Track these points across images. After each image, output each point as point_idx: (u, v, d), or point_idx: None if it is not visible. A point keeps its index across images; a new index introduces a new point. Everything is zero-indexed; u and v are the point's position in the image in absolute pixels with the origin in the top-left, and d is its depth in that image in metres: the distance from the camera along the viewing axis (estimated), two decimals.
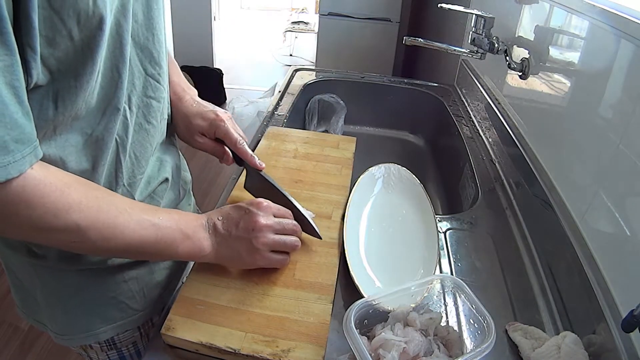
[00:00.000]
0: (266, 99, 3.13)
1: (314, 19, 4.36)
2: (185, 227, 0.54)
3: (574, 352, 0.51)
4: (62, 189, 0.43)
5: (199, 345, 0.51)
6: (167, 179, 0.65)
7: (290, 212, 0.63)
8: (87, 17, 0.41)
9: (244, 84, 3.81)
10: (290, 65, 1.41)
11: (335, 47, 2.77)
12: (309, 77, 1.36)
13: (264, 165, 0.70)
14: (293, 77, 1.37)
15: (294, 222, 0.62)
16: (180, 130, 0.70)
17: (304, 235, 0.68)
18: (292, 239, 0.60)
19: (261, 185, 0.69)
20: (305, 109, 1.34)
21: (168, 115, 0.66)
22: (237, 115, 2.96)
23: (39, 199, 0.41)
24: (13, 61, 0.37)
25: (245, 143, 0.69)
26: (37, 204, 0.41)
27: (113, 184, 0.55)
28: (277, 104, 1.19)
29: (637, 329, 0.43)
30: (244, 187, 0.74)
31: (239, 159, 0.70)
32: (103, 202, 0.47)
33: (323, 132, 1.30)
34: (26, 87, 0.40)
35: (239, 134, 0.69)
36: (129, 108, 0.54)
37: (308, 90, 1.32)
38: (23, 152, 0.39)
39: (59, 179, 0.43)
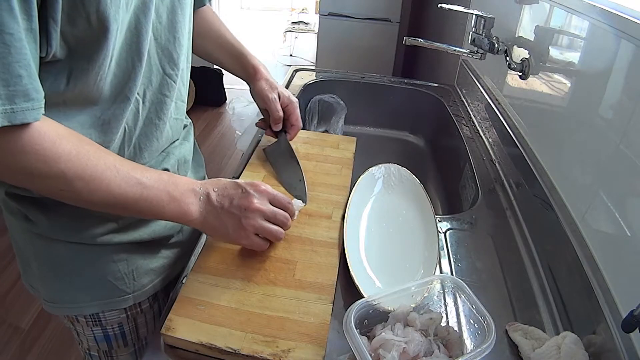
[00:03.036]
0: None
1: (314, 19, 4.36)
2: (174, 189, 0.55)
3: (574, 352, 0.51)
4: (55, 140, 0.45)
5: (199, 346, 0.51)
6: (166, 170, 0.66)
7: (286, 202, 0.63)
8: (105, 6, 0.44)
9: (244, 84, 3.80)
10: (290, 66, 1.41)
11: (335, 48, 2.77)
12: (309, 77, 1.36)
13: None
14: (293, 77, 1.37)
15: (286, 214, 0.63)
16: (262, 87, 0.83)
17: (305, 235, 0.68)
18: (278, 230, 0.61)
19: (282, 154, 0.84)
20: (306, 109, 1.34)
21: (185, 118, 0.73)
22: (238, 116, 2.97)
23: (31, 147, 0.44)
24: (32, 27, 0.40)
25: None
26: (30, 151, 0.44)
27: None
28: None
29: (637, 329, 0.43)
30: (264, 149, 0.87)
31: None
32: (92, 155, 0.49)
33: (323, 132, 1.30)
34: (45, 57, 0.44)
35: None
36: (142, 102, 0.58)
37: (308, 90, 1.32)
38: (40, 104, 0.42)
39: (53, 129, 0.46)
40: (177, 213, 0.56)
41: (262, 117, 0.91)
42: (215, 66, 3.54)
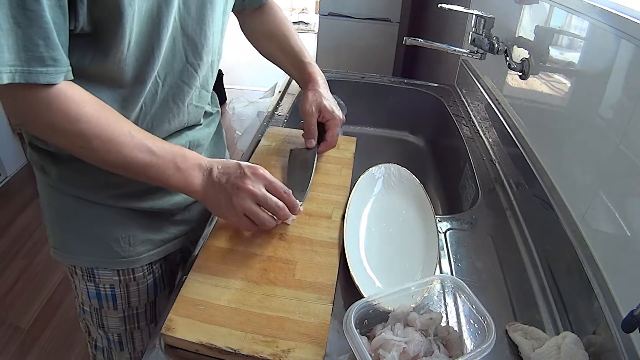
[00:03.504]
0: (266, 99, 3.13)
1: (314, 19, 4.37)
2: (181, 161, 0.60)
3: (574, 352, 0.51)
4: (79, 102, 0.52)
5: (199, 346, 0.51)
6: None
7: (285, 193, 0.64)
8: None
9: (244, 84, 3.81)
10: None
11: (335, 48, 2.77)
12: None
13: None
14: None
15: (280, 203, 0.63)
16: (307, 97, 0.82)
17: (305, 235, 0.68)
18: (266, 217, 0.63)
19: (302, 162, 0.82)
20: None
21: (211, 106, 0.78)
22: (237, 116, 2.97)
23: (57, 105, 0.50)
24: (60, 4, 0.47)
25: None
26: (55, 108, 0.50)
27: None
28: (277, 104, 1.19)
29: (637, 329, 0.43)
30: (291, 150, 0.86)
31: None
32: (111, 120, 0.55)
33: None
34: (74, 30, 0.50)
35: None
36: (162, 85, 0.63)
37: None
38: (56, 70, 0.48)
39: (79, 94, 0.52)
40: (182, 183, 0.61)
41: (262, 117, 0.91)
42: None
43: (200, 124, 0.76)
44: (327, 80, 0.88)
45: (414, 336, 0.51)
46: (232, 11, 0.76)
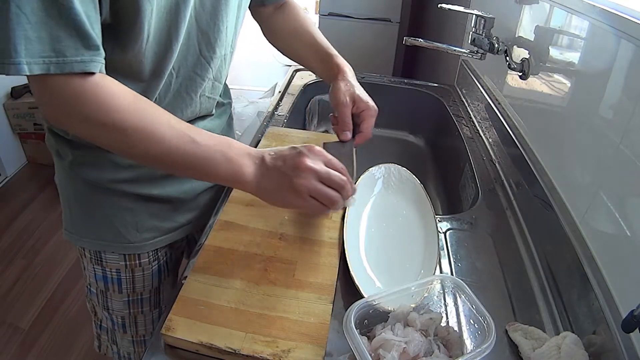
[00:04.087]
0: (266, 99, 3.13)
1: (314, 19, 4.36)
2: (228, 149, 0.56)
3: (574, 353, 0.51)
4: (114, 93, 0.51)
5: (199, 346, 0.51)
6: None
7: (341, 167, 0.60)
8: None
9: (244, 84, 3.81)
10: (290, 66, 1.40)
11: (335, 47, 2.77)
12: (309, 77, 1.36)
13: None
14: (293, 77, 1.37)
15: (343, 177, 0.58)
16: (339, 88, 0.77)
17: (305, 235, 0.68)
18: (333, 193, 0.57)
19: (342, 156, 0.73)
20: (306, 109, 1.34)
21: (219, 96, 0.78)
22: (237, 116, 2.96)
23: (92, 97, 0.49)
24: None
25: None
26: (89, 99, 0.49)
27: None
28: (277, 104, 1.19)
29: (637, 329, 0.43)
30: (324, 143, 0.76)
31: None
32: (148, 112, 0.53)
33: (323, 132, 1.30)
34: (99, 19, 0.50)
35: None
36: (176, 76, 0.64)
37: (308, 90, 1.32)
38: (92, 59, 0.48)
39: (111, 84, 0.51)
40: (231, 174, 0.56)
41: (262, 117, 0.91)
42: None
43: (212, 114, 0.78)
44: None
45: (414, 336, 0.51)
46: (250, 11, 0.77)
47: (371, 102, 0.78)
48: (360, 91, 0.78)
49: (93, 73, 0.49)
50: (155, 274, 0.79)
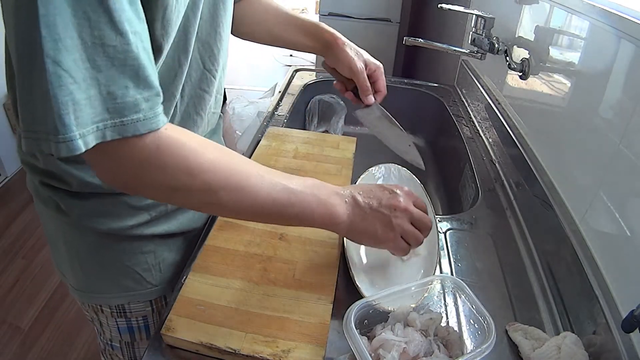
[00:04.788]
0: (266, 99, 3.13)
1: (314, 19, 4.36)
2: (319, 192, 0.53)
3: (574, 353, 0.51)
4: (196, 149, 0.44)
5: (199, 346, 0.51)
6: None
7: (425, 206, 0.60)
8: (170, 12, 0.44)
9: (244, 84, 3.81)
10: (290, 66, 1.41)
11: None
12: (309, 77, 1.36)
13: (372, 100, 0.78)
14: (293, 77, 1.37)
15: (429, 218, 0.59)
16: (347, 56, 0.76)
17: (305, 235, 0.68)
18: (420, 236, 0.57)
19: (380, 119, 0.79)
20: (306, 109, 1.33)
21: (218, 110, 0.71)
22: (238, 116, 2.97)
23: (171, 158, 0.42)
24: (144, 27, 0.40)
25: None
26: (169, 163, 0.42)
27: None
28: (277, 104, 1.19)
29: (637, 329, 0.43)
30: (355, 112, 0.79)
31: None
32: (234, 164, 0.47)
33: (323, 132, 1.30)
34: None
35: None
36: (181, 97, 0.58)
37: (308, 90, 1.32)
38: (154, 111, 0.40)
39: (191, 139, 0.45)
40: (326, 216, 0.53)
41: (262, 117, 0.91)
42: None
43: (213, 128, 0.73)
44: (327, 80, 0.87)
45: (414, 336, 0.51)
46: None
47: (378, 62, 0.78)
48: (365, 53, 0.78)
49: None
50: None
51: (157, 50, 0.46)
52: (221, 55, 0.61)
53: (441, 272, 0.67)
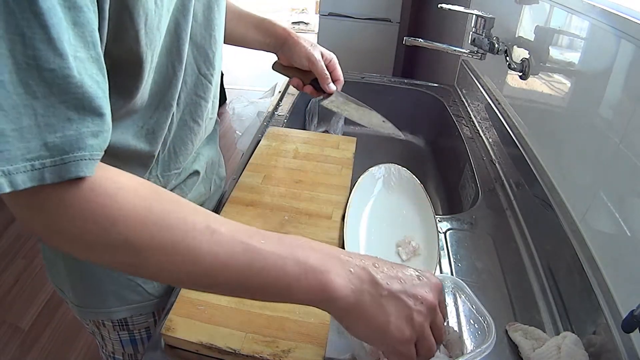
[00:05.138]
0: (266, 99, 3.13)
1: (314, 20, 4.36)
2: (306, 254, 0.39)
3: (574, 353, 0.51)
4: (116, 196, 0.34)
5: (199, 346, 0.51)
6: (197, 172, 0.65)
7: (445, 311, 0.46)
8: (152, 19, 0.39)
9: (244, 84, 3.81)
10: None
11: (335, 48, 2.74)
12: None
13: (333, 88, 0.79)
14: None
15: (444, 329, 0.45)
16: (302, 48, 0.77)
17: (305, 235, 0.68)
18: (435, 347, 0.43)
19: (346, 102, 0.81)
20: (306, 109, 1.34)
21: (215, 115, 0.68)
22: (238, 116, 2.96)
23: (86, 205, 0.33)
24: (93, 55, 0.33)
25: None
26: (85, 209, 0.33)
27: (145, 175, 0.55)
28: (277, 104, 1.19)
29: (637, 329, 0.43)
30: (320, 102, 0.80)
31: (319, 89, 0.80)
32: (172, 215, 0.36)
33: (323, 132, 1.30)
34: None
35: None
36: (177, 105, 0.54)
37: None
38: (103, 149, 0.34)
39: (118, 182, 0.35)
40: (315, 287, 0.38)
41: (262, 117, 0.90)
42: None
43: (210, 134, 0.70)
44: None
45: None
46: None
47: (331, 53, 0.81)
48: (318, 45, 0.81)
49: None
50: None
51: (143, 60, 0.42)
52: (216, 59, 0.58)
53: (441, 272, 0.67)
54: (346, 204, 0.75)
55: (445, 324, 0.47)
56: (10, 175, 0.29)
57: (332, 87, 0.79)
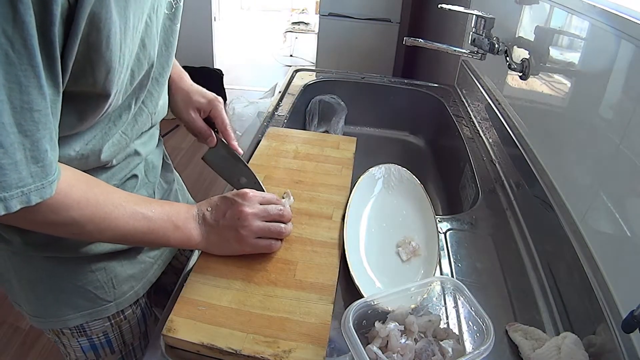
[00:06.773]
0: (266, 99, 3.13)
1: (314, 20, 4.36)
2: (177, 218, 0.58)
3: (574, 353, 0.51)
4: (65, 191, 0.46)
5: (200, 346, 0.51)
6: (135, 176, 0.65)
7: (275, 197, 0.66)
8: (114, 61, 0.44)
9: (244, 84, 3.81)
10: (290, 66, 1.41)
11: (335, 48, 2.77)
12: (309, 77, 1.36)
13: (241, 152, 0.75)
14: (293, 77, 1.37)
15: (279, 207, 0.64)
16: (177, 105, 0.73)
17: (305, 235, 0.68)
18: (276, 225, 0.63)
19: (224, 160, 0.75)
20: (306, 109, 1.34)
21: (156, 123, 0.67)
22: (238, 116, 2.96)
23: (44, 203, 0.43)
24: (57, 98, 0.40)
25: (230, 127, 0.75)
26: (42, 206, 0.43)
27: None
28: (278, 104, 1.19)
29: (637, 329, 0.43)
30: (203, 158, 0.74)
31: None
32: (100, 198, 0.51)
33: (323, 132, 1.30)
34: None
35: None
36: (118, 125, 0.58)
37: (308, 90, 1.32)
38: (54, 178, 0.42)
39: (63, 180, 0.45)
40: (182, 240, 0.59)
41: (262, 118, 0.90)
42: (215, 66, 3.56)
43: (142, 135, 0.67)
44: (327, 81, 0.86)
45: (409, 344, 0.51)
46: None
47: (209, 95, 0.74)
48: (195, 92, 0.74)
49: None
50: (140, 319, 0.74)
51: (107, 96, 0.47)
52: (169, 68, 0.62)
53: (441, 272, 0.67)
54: (346, 204, 0.75)
55: (445, 325, 0.47)
56: (6, 201, 0.38)
57: (211, 141, 0.74)
